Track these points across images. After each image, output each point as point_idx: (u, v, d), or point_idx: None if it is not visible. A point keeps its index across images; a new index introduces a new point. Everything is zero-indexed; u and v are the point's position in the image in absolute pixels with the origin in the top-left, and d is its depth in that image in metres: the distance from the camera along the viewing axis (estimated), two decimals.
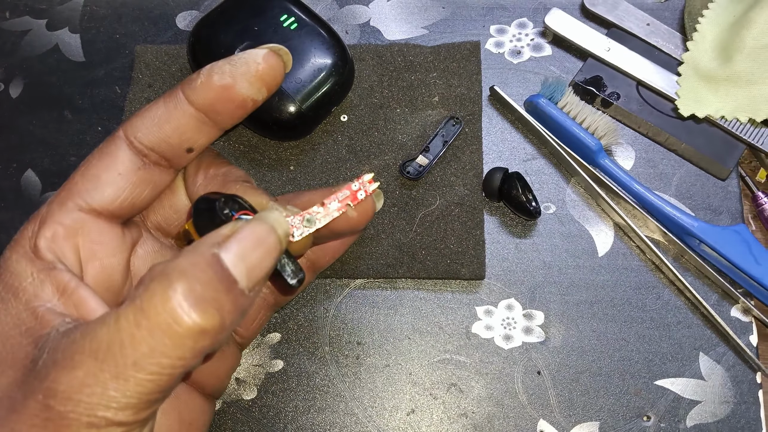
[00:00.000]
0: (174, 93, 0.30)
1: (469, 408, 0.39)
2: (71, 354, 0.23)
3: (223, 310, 0.24)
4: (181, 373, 0.24)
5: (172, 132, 0.30)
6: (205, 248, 0.25)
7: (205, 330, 0.23)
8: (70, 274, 0.27)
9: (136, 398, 0.23)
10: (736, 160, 0.44)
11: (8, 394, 0.25)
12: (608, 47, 0.47)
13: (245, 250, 0.25)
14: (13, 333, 0.26)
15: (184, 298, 0.23)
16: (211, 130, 0.31)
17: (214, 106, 0.29)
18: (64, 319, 0.26)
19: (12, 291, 0.27)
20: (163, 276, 0.23)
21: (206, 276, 0.24)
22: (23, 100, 0.48)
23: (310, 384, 0.40)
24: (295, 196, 0.34)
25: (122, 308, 0.23)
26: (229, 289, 0.24)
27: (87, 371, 0.23)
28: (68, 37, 0.50)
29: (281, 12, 0.44)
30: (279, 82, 0.30)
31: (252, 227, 0.26)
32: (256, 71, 0.29)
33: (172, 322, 0.23)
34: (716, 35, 0.45)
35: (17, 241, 0.28)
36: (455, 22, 0.49)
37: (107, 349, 0.23)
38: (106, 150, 0.30)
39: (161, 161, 0.31)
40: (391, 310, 0.42)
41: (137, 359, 0.23)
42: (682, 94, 0.44)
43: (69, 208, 0.29)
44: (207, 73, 0.29)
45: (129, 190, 0.30)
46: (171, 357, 0.23)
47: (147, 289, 0.23)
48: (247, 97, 0.30)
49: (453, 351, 0.41)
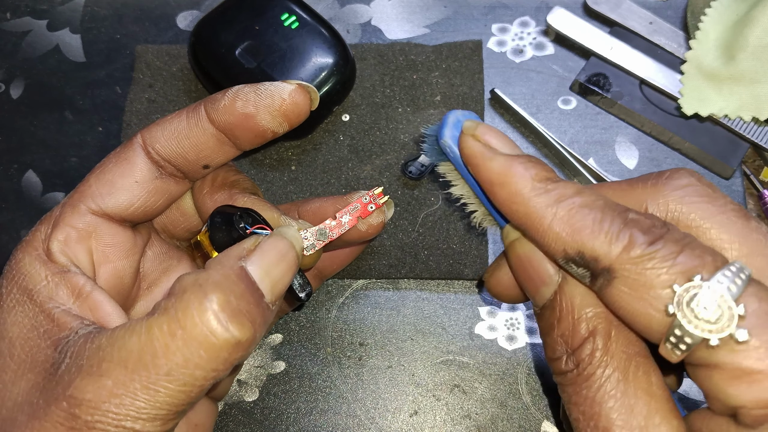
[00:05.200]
0: (197, 109, 0.30)
1: (473, 409, 0.39)
2: (98, 361, 0.23)
3: (255, 323, 0.24)
4: (210, 385, 0.24)
5: (190, 148, 0.30)
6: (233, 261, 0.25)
7: (241, 342, 0.23)
8: (84, 278, 0.27)
9: (166, 409, 0.23)
10: (740, 158, 0.43)
11: (29, 399, 0.24)
12: (611, 46, 0.46)
13: (270, 265, 0.26)
14: (31, 335, 0.25)
15: (220, 309, 0.23)
16: (229, 150, 0.30)
17: (233, 130, 0.29)
18: (82, 321, 0.25)
19: (27, 293, 0.26)
20: (196, 287, 0.23)
21: (239, 288, 0.24)
22: (24, 100, 0.48)
23: (312, 385, 0.40)
24: (304, 203, 0.34)
25: (154, 318, 0.23)
26: (258, 302, 0.24)
27: (116, 380, 0.23)
28: (69, 37, 0.50)
29: (282, 11, 0.44)
30: (302, 119, 0.30)
31: (274, 242, 0.26)
32: (281, 106, 0.29)
33: (209, 334, 0.23)
34: (719, 34, 0.45)
35: (29, 243, 0.28)
36: (457, 21, 0.49)
37: (138, 359, 0.23)
38: (124, 155, 0.30)
39: (177, 173, 0.30)
40: (393, 311, 0.41)
41: (171, 369, 0.22)
42: (685, 93, 0.44)
43: (82, 211, 0.28)
44: (232, 96, 0.29)
45: (144, 199, 0.29)
46: (205, 368, 0.23)
47: (181, 300, 0.23)
48: (268, 129, 0.29)
49: (456, 352, 0.40)
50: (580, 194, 0.23)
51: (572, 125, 0.46)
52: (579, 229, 0.23)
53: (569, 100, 0.47)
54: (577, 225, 0.23)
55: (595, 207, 0.23)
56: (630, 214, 0.23)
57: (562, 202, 0.23)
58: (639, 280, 0.22)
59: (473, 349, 0.40)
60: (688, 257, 0.21)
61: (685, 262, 0.21)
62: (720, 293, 0.21)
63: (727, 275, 0.21)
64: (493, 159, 0.25)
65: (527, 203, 0.24)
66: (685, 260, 0.21)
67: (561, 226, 0.23)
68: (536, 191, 0.24)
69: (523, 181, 0.24)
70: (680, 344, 0.21)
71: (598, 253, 0.22)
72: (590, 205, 0.23)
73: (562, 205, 0.23)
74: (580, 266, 0.23)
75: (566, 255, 0.23)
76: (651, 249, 0.22)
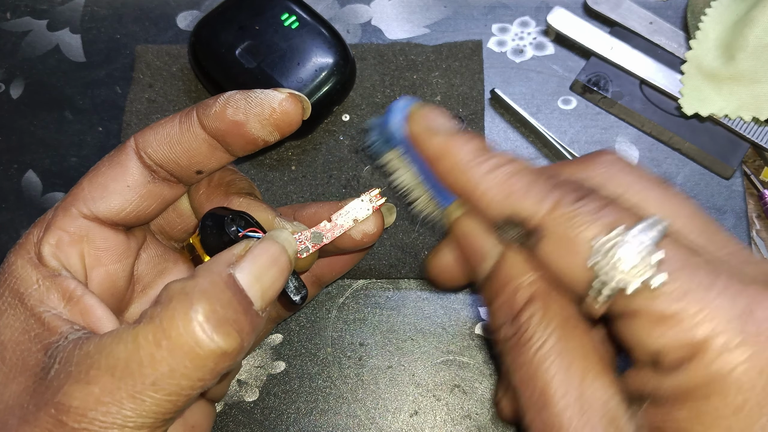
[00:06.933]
0: (189, 114, 0.29)
1: (473, 409, 0.39)
2: (86, 368, 0.23)
3: (242, 332, 0.24)
4: (197, 394, 0.24)
5: (182, 153, 0.29)
6: (222, 267, 0.25)
7: (227, 352, 0.23)
8: (75, 282, 0.27)
9: (152, 418, 0.23)
10: (740, 158, 0.43)
11: (19, 402, 0.24)
12: (611, 46, 0.46)
13: (260, 271, 0.25)
14: (22, 339, 0.25)
15: (205, 319, 0.23)
16: (222, 156, 0.30)
17: (224, 137, 0.29)
18: (72, 326, 0.25)
19: (18, 297, 0.26)
20: (182, 295, 0.23)
21: (226, 297, 0.24)
22: (24, 100, 0.48)
23: (312, 386, 0.40)
24: (301, 207, 0.34)
25: (141, 326, 0.23)
26: (246, 310, 0.24)
27: (103, 388, 0.22)
28: (69, 37, 0.50)
29: (282, 11, 0.44)
30: (294, 128, 0.30)
31: (265, 247, 0.26)
32: (270, 115, 0.29)
33: (194, 345, 0.22)
34: (719, 34, 0.45)
35: (22, 246, 0.28)
36: (457, 21, 0.49)
37: (125, 367, 0.23)
38: (117, 159, 0.29)
39: (170, 178, 0.30)
40: (393, 311, 0.41)
41: (156, 379, 0.22)
42: (685, 93, 0.44)
43: (74, 214, 0.28)
44: (223, 103, 0.29)
45: (136, 203, 0.29)
46: (191, 378, 0.23)
47: (167, 309, 0.23)
48: (258, 138, 0.29)
49: (456, 352, 0.40)
50: (512, 163, 0.25)
51: (572, 125, 0.46)
52: (511, 192, 0.25)
53: (569, 100, 0.47)
54: (510, 189, 0.25)
55: (527, 173, 0.25)
56: (558, 180, 0.25)
57: (497, 169, 0.25)
58: (565, 235, 0.23)
59: (473, 349, 0.40)
60: (610, 212, 0.23)
61: (606, 216, 0.23)
62: (638, 242, 0.22)
63: (644, 227, 0.22)
64: (437, 135, 0.27)
65: (466, 173, 0.26)
66: (606, 215, 0.23)
67: (495, 191, 0.25)
68: (474, 162, 0.26)
69: (462, 153, 0.26)
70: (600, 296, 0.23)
71: (528, 212, 0.24)
72: (522, 172, 0.25)
73: (496, 173, 0.25)
74: (514, 229, 0.25)
75: (501, 218, 0.25)
76: (575, 206, 0.23)
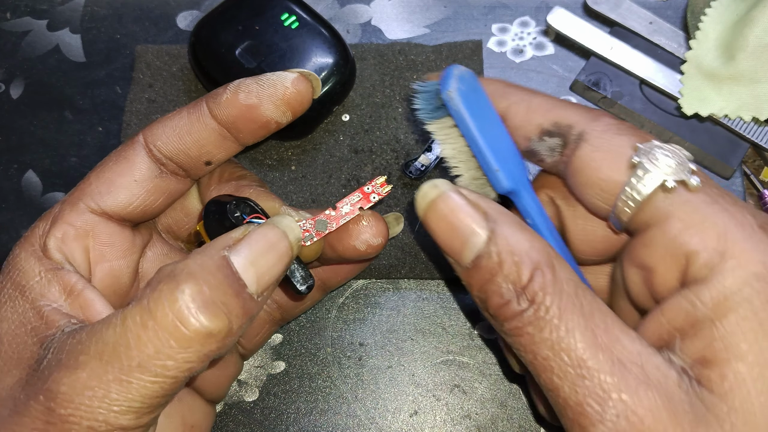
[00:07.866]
0: (198, 105, 0.30)
1: (473, 409, 0.39)
2: (76, 355, 0.23)
3: (231, 314, 0.23)
4: (186, 378, 0.24)
5: (192, 144, 0.30)
6: (215, 251, 0.25)
7: (213, 333, 0.23)
8: (77, 276, 0.27)
9: (139, 402, 0.23)
10: (740, 158, 0.43)
11: (12, 394, 0.24)
12: (611, 46, 0.46)
13: (256, 255, 0.25)
14: (19, 332, 0.25)
15: (191, 299, 0.23)
16: (231, 146, 0.30)
17: (236, 123, 0.29)
18: (69, 320, 0.25)
19: (19, 289, 0.26)
20: (170, 277, 0.23)
21: (215, 279, 0.23)
22: (24, 100, 0.48)
23: (312, 386, 0.40)
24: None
25: (129, 309, 0.23)
26: (238, 293, 0.24)
27: (91, 373, 0.22)
28: (69, 37, 0.50)
29: (282, 11, 0.44)
30: (305, 107, 0.30)
31: (264, 231, 0.26)
32: (284, 95, 0.29)
33: (179, 324, 0.22)
34: (719, 33, 0.45)
35: (27, 239, 0.28)
36: (457, 21, 0.49)
37: (113, 351, 0.23)
38: (124, 154, 0.30)
39: (179, 171, 0.30)
40: (393, 311, 0.41)
41: (142, 361, 0.22)
42: (685, 93, 0.44)
43: (80, 209, 0.28)
44: (233, 89, 0.29)
45: (143, 198, 0.29)
46: (177, 360, 0.23)
47: (154, 290, 0.23)
48: (271, 119, 0.30)
49: (456, 352, 0.40)
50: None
51: None
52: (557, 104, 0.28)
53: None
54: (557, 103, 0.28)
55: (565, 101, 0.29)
56: None
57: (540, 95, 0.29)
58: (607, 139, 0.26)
59: (473, 349, 0.40)
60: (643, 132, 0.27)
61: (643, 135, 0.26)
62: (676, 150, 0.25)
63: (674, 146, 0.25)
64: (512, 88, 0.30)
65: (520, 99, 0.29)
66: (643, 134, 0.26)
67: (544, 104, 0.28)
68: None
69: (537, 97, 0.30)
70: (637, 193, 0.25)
71: (572, 120, 0.27)
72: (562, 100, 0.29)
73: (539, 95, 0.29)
74: (555, 136, 0.28)
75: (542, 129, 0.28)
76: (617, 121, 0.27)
